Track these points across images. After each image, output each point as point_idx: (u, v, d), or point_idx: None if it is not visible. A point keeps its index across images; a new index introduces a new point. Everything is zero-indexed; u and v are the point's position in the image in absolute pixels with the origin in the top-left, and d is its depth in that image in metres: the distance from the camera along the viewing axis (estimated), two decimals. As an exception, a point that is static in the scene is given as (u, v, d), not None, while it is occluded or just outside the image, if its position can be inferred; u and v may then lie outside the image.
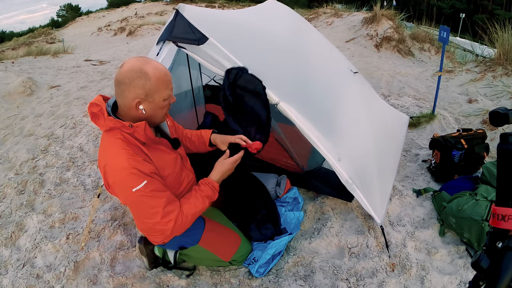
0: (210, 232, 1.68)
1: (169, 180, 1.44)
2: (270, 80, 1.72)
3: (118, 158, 1.27)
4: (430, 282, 1.66)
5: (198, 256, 1.74)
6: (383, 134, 2.37)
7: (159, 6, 22.27)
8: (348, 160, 1.84)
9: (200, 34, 1.71)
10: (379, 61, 5.84)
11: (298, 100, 1.83)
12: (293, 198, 2.21)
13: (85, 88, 5.07)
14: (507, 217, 0.65)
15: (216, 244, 1.71)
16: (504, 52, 4.05)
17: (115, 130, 1.31)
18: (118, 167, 1.27)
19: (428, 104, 3.64)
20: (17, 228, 2.20)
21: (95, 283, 1.79)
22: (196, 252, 1.70)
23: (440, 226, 1.96)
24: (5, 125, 4.01)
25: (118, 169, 1.27)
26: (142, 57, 1.32)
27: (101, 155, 1.35)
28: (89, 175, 2.74)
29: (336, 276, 1.74)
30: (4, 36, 28.60)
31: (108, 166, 1.29)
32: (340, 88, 2.30)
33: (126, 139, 1.31)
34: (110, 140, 1.31)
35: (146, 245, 1.81)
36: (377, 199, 1.92)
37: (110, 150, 1.30)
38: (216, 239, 1.70)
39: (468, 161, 2.25)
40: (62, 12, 35.32)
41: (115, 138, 1.30)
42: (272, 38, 2.16)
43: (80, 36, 15.91)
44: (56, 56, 7.88)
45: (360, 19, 7.84)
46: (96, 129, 3.45)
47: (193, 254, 1.73)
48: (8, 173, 2.88)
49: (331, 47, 2.73)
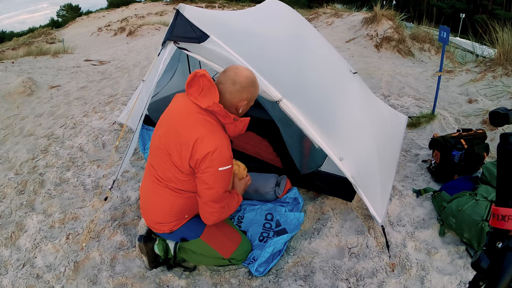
0: (212, 227, 1.73)
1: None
2: (271, 78, 1.73)
3: (219, 137, 1.46)
4: (430, 282, 1.66)
5: (199, 252, 1.76)
6: (382, 134, 2.37)
7: (159, 6, 22.27)
8: (350, 160, 1.84)
9: (200, 32, 1.71)
10: (379, 61, 5.83)
11: (300, 98, 1.84)
12: (293, 198, 2.21)
13: (85, 88, 5.07)
14: (507, 217, 0.65)
15: (217, 239, 1.74)
16: (504, 52, 4.05)
17: (211, 114, 1.49)
18: (216, 146, 1.43)
19: (428, 104, 3.64)
20: (17, 228, 2.20)
21: (95, 283, 1.79)
22: (197, 247, 1.74)
23: (440, 226, 1.95)
24: (5, 125, 4.01)
25: (215, 148, 1.43)
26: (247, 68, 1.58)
27: (192, 127, 1.47)
28: (89, 175, 2.73)
29: (336, 276, 1.74)
30: (4, 36, 28.56)
31: (204, 140, 1.43)
32: (340, 88, 2.30)
33: (220, 125, 1.51)
34: (207, 118, 1.48)
35: (146, 243, 1.82)
36: (378, 199, 1.92)
37: (208, 128, 1.47)
38: (217, 235, 1.75)
39: (468, 161, 2.25)
40: (62, 12, 35.28)
41: (213, 120, 1.49)
42: (273, 38, 2.16)
43: (80, 36, 15.91)
44: (56, 56, 7.88)
45: (360, 19, 7.83)
46: (96, 129, 3.45)
47: (193, 249, 1.76)
48: (8, 173, 2.88)
49: (330, 48, 2.74)
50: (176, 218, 1.67)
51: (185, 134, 1.47)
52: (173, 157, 1.52)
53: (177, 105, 1.60)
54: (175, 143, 1.50)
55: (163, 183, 1.61)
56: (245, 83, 1.49)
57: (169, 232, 1.71)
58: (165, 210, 1.66)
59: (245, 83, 1.49)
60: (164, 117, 1.64)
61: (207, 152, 1.43)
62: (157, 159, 1.60)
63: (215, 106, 1.45)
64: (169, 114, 1.61)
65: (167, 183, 1.59)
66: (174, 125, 1.53)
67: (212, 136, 1.45)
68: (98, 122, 3.66)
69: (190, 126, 1.48)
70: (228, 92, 1.50)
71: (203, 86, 1.48)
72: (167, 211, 1.65)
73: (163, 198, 1.63)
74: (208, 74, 1.51)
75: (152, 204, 1.69)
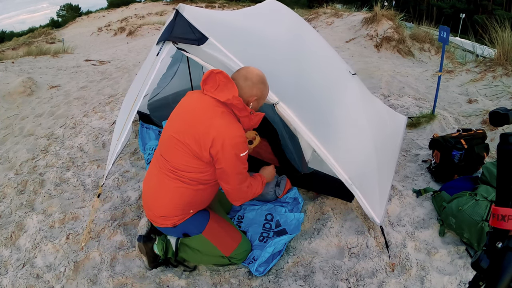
0: (214, 224, 1.77)
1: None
2: (269, 80, 1.72)
3: (238, 127, 1.56)
4: (430, 282, 1.66)
5: (200, 249, 1.78)
6: (381, 135, 2.37)
7: (159, 6, 22.26)
8: (347, 161, 1.84)
9: (200, 34, 1.71)
10: (379, 61, 5.83)
11: (297, 101, 1.84)
12: (293, 199, 2.21)
13: (85, 88, 5.07)
14: (507, 217, 0.65)
15: (219, 236, 1.77)
16: (504, 52, 4.05)
17: (225, 106, 1.57)
18: (235, 135, 1.53)
19: (428, 104, 3.64)
20: (17, 228, 2.20)
21: (95, 283, 1.79)
22: (198, 243, 1.75)
23: (440, 226, 1.95)
24: (5, 125, 4.01)
25: (235, 136, 1.53)
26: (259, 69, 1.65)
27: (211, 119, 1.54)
28: (89, 175, 2.73)
29: (336, 276, 1.74)
30: (4, 36, 28.52)
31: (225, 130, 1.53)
32: (339, 89, 2.30)
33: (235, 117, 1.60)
34: (224, 111, 1.57)
35: (146, 243, 1.82)
36: (376, 199, 1.92)
37: (227, 119, 1.55)
38: (219, 232, 1.78)
39: (468, 161, 2.25)
40: (62, 12, 35.26)
41: (228, 113, 1.58)
42: (272, 38, 2.16)
43: (80, 36, 15.90)
44: (56, 56, 7.88)
45: (360, 19, 7.83)
46: (96, 129, 3.45)
47: (195, 245, 1.77)
48: (8, 173, 2.88)
49: (329, 48, 2.73)
50: (182, 212, 1.69)
51: (205, 125, 1.54)
52: (192, 147, 1.57)
53: (191, 100, 1.67)
54: (194, 133, 1.56)
55: (177, 174, 1.63)
56: (255, 80, 1.60)
57: (172, 227, 1.72)
58: (173, 203, 1.67)
59: (255, 80, 1.60)
60: (178, 111, 1.70)
61: (228, 141, 1.52)
62: (173, 150, 1.63)
63: (234, 99, 1.54)
64: (184, 108, 1.68)
65: (183, 173, 1.62)
66: (192, 117, 1.60)
67: (232, 126, 1.55)
68: (98, 122, 3.66)
69: (209, 118, 1.55)
70: (240, 88, 1.59)
71: (220, 82, 1.57)
72: (175, 203, 1.67)
73: (173, 190, 1.65)
74: (224, 72, 1.58)
75: (158, 197, 1.70)
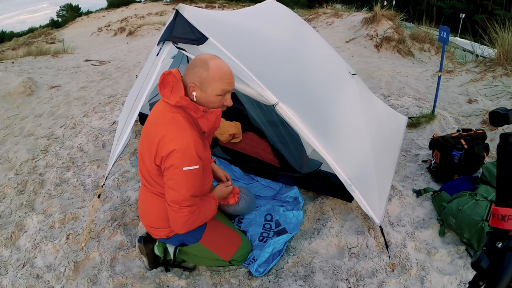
0: (211, 231, 1.71)
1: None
2: (269, 80, 1.73)
3: (186, 134, 1.39)
4: (430, 282, 1.66)
5: (198, 255, 1.75)
6: (381, 135, 2.37)
7: (159, 6, 22.27)
8: (346, 161, 1.84)
9: (200, 34, 1.71)
10: (379, 61, 5.83)
11: (297, 101, 1.83)
12: (293, 198, 2.22)
13: (85, 88, 5.07)
14: (507, 217, 0.65)
15: (217, 243, 1.72)
16: (504, 52, 4.05)
17: (180, 109, 1.42)
18: (184, 143, 1.37)
19: (428, 104, 3.64)
20: (17, 228, 2.20)
21: (95, 283, 1.79)
22: (197, 250, 1.72)
23: (440, 226, 1.95)
24: (5, 125, 4.01)
25: (183, 145, 1.37)
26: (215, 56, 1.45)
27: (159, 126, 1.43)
28: (89, 175, 2.73)
29: (336, 276, 1.74)
30: (4, 36, 28.50)
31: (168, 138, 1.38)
32: (338, 89, 2.30)
33: (189, 122, 1.43)
34: (175, 116, 1.42)
35: (146, 244, 1.82)
36: (376, 199, 1.92)
37: (174, 126, 1.40)
38: (217, 238, 1.73)
39: (468, 161, 2.25)
40: (62, 12, 35.25)
41: (181, 116, 1.42)
42: (272, 39, 2.16)
43: (80, 36, 15.90)
44: (56, 56, 7.88)
45: (360, 19, 7.83)
46: (96, 129, 3.45)
47: (193, 252, 1.75)
48: (8, 173, 2.88)
49: (329, 48, 2.74)
50: (167, 225, 1.59)
51: (152, 133, 1.45)
52: (145, 158, 1.50)
53: (154, 108, 1.56)
54: (146, 144, 1.49)
55: (148, 188, 1.60)
56: (195, 62, 1.40)
57: (166, 238, 1.69)
58: (155, 215, 1.64)
59: (195, 62, 1.40)
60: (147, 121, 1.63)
61: (171, 150, 1.37)
62: (139, 163, 1.60)
63: (182, 100, 1.39)
64: (148, 118, 1.58)
65: (151, 187, 1.58)
66: (147, 127, 1.52)
67: (178, 133, 1.39)
68: (98, 122, 3.66)
69: (158, 125, 1.45)
70: (183, 81, 1.44)
71: (172, 83, 1.42)
72: (157, 216, 1.63)
73: (151, 203, 1.63)
74: (175, 71, 1.44)
75: (144, 208, 1.70)
